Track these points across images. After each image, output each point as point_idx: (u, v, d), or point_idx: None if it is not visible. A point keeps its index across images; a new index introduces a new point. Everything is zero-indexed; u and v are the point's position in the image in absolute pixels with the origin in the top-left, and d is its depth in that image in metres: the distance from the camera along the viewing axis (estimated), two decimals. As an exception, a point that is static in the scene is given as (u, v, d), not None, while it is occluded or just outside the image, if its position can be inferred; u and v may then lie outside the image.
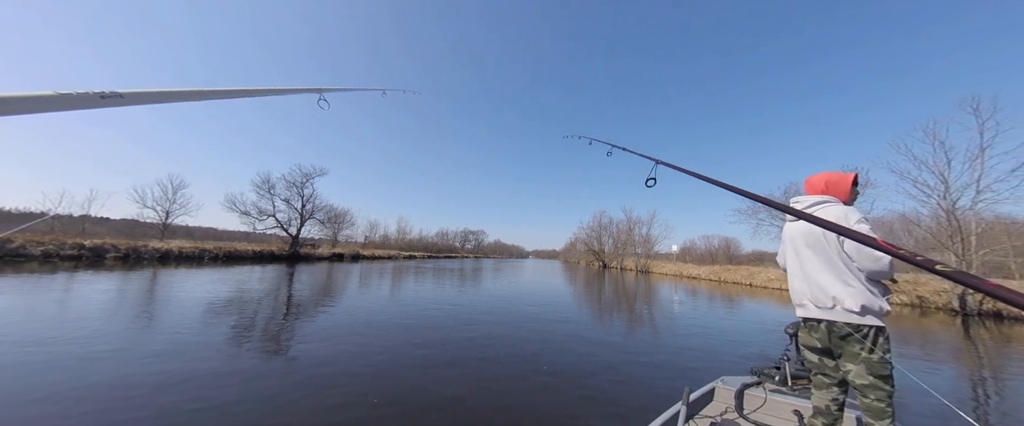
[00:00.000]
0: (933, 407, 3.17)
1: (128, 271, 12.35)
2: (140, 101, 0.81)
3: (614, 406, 2.96)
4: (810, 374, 1.76)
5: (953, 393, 3.85)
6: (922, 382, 2.19)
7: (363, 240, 48.85)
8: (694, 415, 2.02)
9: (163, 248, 19.23)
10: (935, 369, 4.75)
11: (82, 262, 14.70)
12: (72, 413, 2.45)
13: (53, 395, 2.69)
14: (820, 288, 1.59)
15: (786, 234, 1.82)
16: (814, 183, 1.78)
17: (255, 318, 5.74)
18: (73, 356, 3.55)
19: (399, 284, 12.08)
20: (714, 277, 24.77)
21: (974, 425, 1.45)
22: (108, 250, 17.42)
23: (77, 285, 8.42)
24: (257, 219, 29.19)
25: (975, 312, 10.49)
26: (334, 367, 3.58)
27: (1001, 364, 5.24)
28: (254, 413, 2.56)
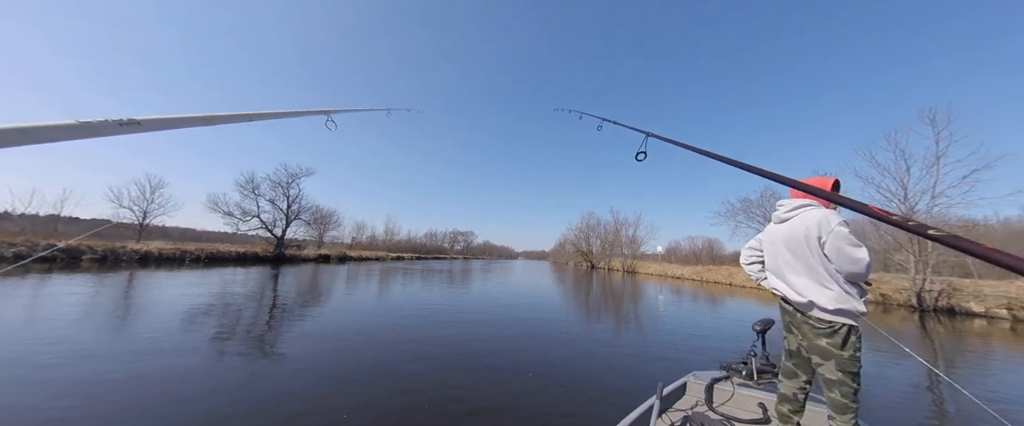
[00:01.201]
0: (891, 399, 3.47)
1: (107, 274, 12.03)
2: (156, 127, 0.83)
3: (592, 404, 3.07)
4: (781, 362, 1.83)
5: (910, 382, 4.15)
6: (882, 375, 2.36)
7: (350, 241, 48.26)
8: (667, 409, 2.08)
9: (142, 249, 18.70)
10: (896, 361, 5.13)
11: (57, 264, 14.21)
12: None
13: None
14: (796, 290, 1.64)
15: (767, 235, 1.87)
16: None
17: (247, 321, 5.77)
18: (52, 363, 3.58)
19: (386, 286, 12.10)
20: (697, 277, 25.49)
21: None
22: (84, 252, 16.86)
23: (54, 289, 8.22)
24: (241, 220, 28.56)
25: (931, 308, 11.23)
26: (320, 370, 3.57)
27: (952, 355, 5.71)
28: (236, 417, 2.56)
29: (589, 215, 52.65)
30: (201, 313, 6.06)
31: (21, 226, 21.03)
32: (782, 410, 1.75)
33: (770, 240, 1.83)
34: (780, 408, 1.77)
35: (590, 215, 52.63)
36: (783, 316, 1.79)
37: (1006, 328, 8.48)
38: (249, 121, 1.10)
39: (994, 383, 4.34)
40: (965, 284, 11.59)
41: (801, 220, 1.69)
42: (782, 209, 1.81)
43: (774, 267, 1.78)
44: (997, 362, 5.41)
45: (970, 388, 2.94)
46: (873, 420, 2.58)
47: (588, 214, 53.03)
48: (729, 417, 1.97)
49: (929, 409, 3.42)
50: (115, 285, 9.26)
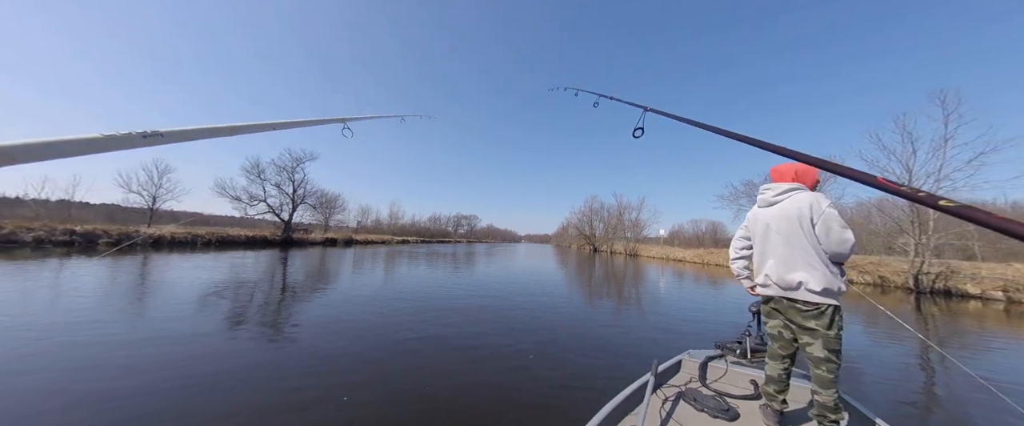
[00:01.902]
0: (879, 375, 3.63)
1: (123, 257, 12.48)
2: (178, 139, 0.85)
3: (589, 380, 3.18)
4: (770, 346, 1.87)
5: (905, 358, 4.29)
6: (870, 354, 2.41)
7: (356, 225, 48.87)
8: (662, 384, 2.14)
9: (155, 233, 19.19)
10: (892, 338, 5.30)
11: (74, 248, 14.71)
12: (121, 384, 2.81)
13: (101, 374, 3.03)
14: (786, 270, 1.67)
15: (754, 219, 1.88)
16: (784, 171, 1.85)
17: (267, 302, 6.07)
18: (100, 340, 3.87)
19: (392, 269, 12.42)
20: (698, 259, 25.69)
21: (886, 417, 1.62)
22: (100, 236, 17.37)
23: (85, 270, 8.60)
24: (248, 204, 29.01)
25: (928, 290, 11.37)
26: (328, 347, 3.72)
27: (946, 334, 5.86)
28: (255, 392, 2.70)
29: (592, 198, 52.69)
30: (225, 295, 6.37)
31: (36, 211, 21.59)
32: (768, 390, 1.81)
33: (757, 223, 1.84)
34: (766, 388, 1.83)
35: (593, 198, 52.65)
36: (766, 301, 1.84)
37: (1000, 309, 8.62)
38: (270, 130, 1.16)
39: (987, 362, 4.44)
40: (963, 266, 11.66)
41: (792, 202, 1.72)
42: (769, 192, 1.82)
43: (762, 251, 1.81)
44: (992, 341, 5.57)
45: (963, 365, 3.07)
46: (859, 394, 2.67)
47: (591, 197, 53.08)
48: (721, 393, 2.01)
49: (921, 383, 3.56)
50: (139, 268, 9.65)
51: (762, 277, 1.79)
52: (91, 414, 2.30)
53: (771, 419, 1.75)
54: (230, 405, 2.49)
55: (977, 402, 3.05)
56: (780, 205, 1.76)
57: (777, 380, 1.79)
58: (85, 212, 24.54)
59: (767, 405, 1.80)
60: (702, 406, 1.84)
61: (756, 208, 1.90)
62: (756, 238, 1.85)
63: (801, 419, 1.81)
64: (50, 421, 2.23)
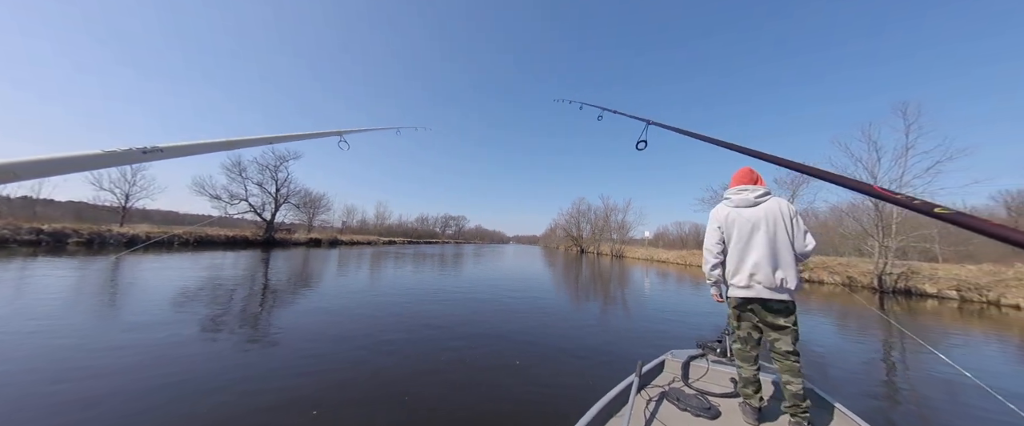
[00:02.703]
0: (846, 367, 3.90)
1: (94, 257, 12.00)
2: (177, 154, 0.86)
3: (578, 378, 3.23)
4: (735, 350, 1.91)
5: (866, 354, 4.52)
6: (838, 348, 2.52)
7: (340, 225, 48.01)
8: (646, 385, 2.16)
9: (129, 233, 18.48)
10: (855, 339, 5.66)
11: (42, 248, 14.04)
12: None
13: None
14: (771, 269, 1.71)
15: (731, 219, 1.87)
16: (745, 175, 1.96)
17: (245, 305, 5.98)
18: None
19: (377, 270, 12.30)
20: (681, 261, 26.35)
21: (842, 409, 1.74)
22: (69, 235, 16.61)
23: (50, 272, 8.26)
24: (228, 203, 28.18)
25: (891, 290, 12.07)
26: (306, 353, 3.57)
27: (914, 330, 6.24)
28: (235, 398, 2.59)
29: (580, 200, 53.25)
30: (204, 297, 6.25)
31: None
32: (747, 392, 1.84)
33: (737, 223, 1.84)
34: (745, 390, 1.85)
35: (581, 200, 53.22)
36: (740, 303, 1.85)
37: (954, 307, 9.22)
38: (268, 144, 1.20)
39: (949, 353, 4.76)
40: (923, 267, 12.43)
41: (773, 204, 1.81)
42: (750, 193, 1.86)
43: (743, 250, 1.80)
44: (950, 335, 5.98)
45: (923, 357, 3.20)
46: (826, 385, 2.82)
47: (579, 200, 53.61)
48: (703, 392, 2.05)
49: (889, 373, 3.81)
50: (110, 269, 9.31)
51: (743, 277, 1.77)
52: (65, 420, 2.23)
53: (751, 417, 1.79)
54: (197, 411, 2.37)
55: (943, 388, 3.33)
56: (764, 206, 1.82)
57: (753, 381, 1.84)
58: (50, 209, 23.39)
59: (746, 404, 1.84)
60: (685, 405, 1.88)
61: (733, 208, 1.89)
62: (735, 238, 1.83)
63: (775, 412, 1.88)
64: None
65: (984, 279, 10.44)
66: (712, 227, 1.96)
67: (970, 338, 5.94)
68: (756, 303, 1.78)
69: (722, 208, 1.94)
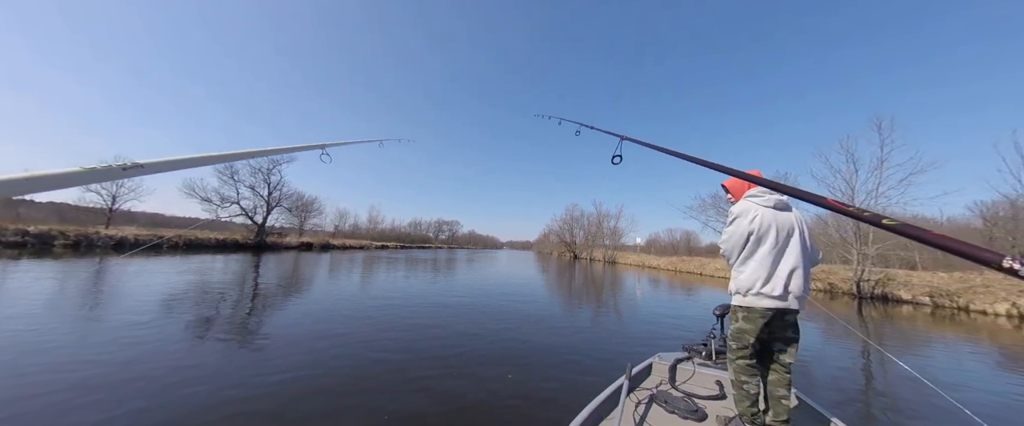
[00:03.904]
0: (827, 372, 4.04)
1: (80, 259, 11.85)
2: (159, 169, 0.85)
3: (569, 381, 3.28)
4: (738, 364, 1.75)
5: (845, 358, 4.68)
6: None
7: (333, 229, 47.66)
8: (635, 388, 2.21)
9: (117, 235, 18.21)
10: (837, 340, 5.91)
11: (27, 250, 13.80)
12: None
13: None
14: (801, 279, 1.61)
15: (767, 221, 1.67)
16: (737, 183, 1.90)
17: (239, 310, 6.04)
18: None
19: (370, 275, 12.25)
20: (672, 267, 26.76)
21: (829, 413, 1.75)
22: (56, 237, 16.32)
23: (43, 275, 8.19)
24: (219, 206, 27.90)
25: (868, 295, 12.56)
26: (298, 359, 3.52)
27: (885, 335, 6.56)
28: (220, 404, 2.54)
29: (573, 207, 53.76)
30: (191, 302, 6.29)
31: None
32: (754, 410, 1.70)
33: (773, 225, 1.66)
34: (751, 409, 1.69)
35: (574, 207, 53.73)
36: (750, 314, 1.68)
37: (928, 313, 9.63)
38: (250, 158, 1.20)
39: (917, 355, 5.06)
40: (898, 274, 12.93)
41: (796, 211, 1.74)
42: (781, 196, 1.72)
43: (775, 255, 1.63)
44: (921, 341, 6.31)
45: (895, 360, 3.35)
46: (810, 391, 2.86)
47: (572, 206, 54.17)
48: (690, 394, 2.10)
49: (862, 379, 3.96)
50: (97, 272, 9.24)
51: (778, 286, 1.60)
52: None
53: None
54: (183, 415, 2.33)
55: (908, 390, 3.55)
56: (795, 213, 1.73)
57: (757, 395, 1.70)
58: (32, 211, 22.96)
59: (750, 421, 1.68)
60: (673, 408, 1.92)
61: (769, 208, 1.70)
62: (771, 242, 1.64)
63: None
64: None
65: (954, 286, 10.92)
66: (741, 226, 1.70)
67: (931, 339, 6.29)
68: (779, 313, 1.64)
69: (752, 206, 1.72)
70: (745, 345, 1.70)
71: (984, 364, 4.86)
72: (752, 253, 1.67)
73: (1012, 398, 3.60)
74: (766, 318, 1.64)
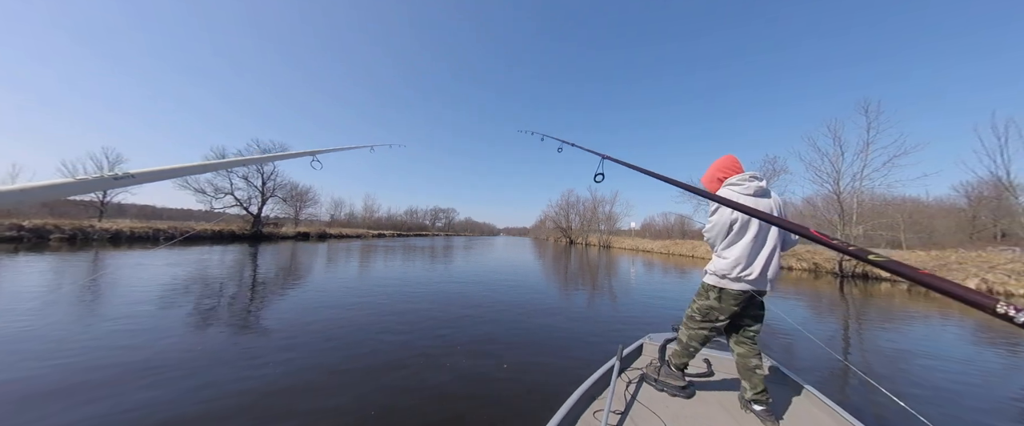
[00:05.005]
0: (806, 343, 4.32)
1: (78, 252, 11.93)
2: (150, 179, 0.86)
3: (562, 363, 3.36)
4: (704, 333, 1.88)
5: (825, 332, 4.93)
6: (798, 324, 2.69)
7: (329, 218, 47.59)
8: (626, 368, 2.26)
9: (112, 228, 18.18)
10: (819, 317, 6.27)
11: (23, 244, 13.81)
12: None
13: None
14: (776, 263, 1.73)
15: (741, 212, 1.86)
16: (736, 161, 1.94)
17: (241, 299, 6.24)
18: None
19: (366, 264, 12.44)
20: (665, 250, 27.32)
21: (837, 358, 1.99)
22: (51, 231, 16.29)
23: (47, 268, 8.31)
24: (213, 197, 27.79)
25: (850, 274, 13.07)
26: (300, 349, 3.51)
27: (862, 310, 6.95)
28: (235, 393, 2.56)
29: (569, 192, 54.06)
30: (194, 292, 6.47)
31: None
32: (687, 362, 1.94)
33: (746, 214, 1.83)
34: (685, 361, 1.94)
35: (570, 192, 54.01)
36: (724, 295, 1.78)
37: (904, 290, 10.09)
38: (239, 166, 1.21)
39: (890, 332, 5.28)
40: (902, 256, 13.43)
41: (775, 196, 1.83)
42: (760, 183, 1.79)
43: (754, 242, 1.71)
44: (894, 313, 6.71)
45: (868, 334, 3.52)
46: None
47: (568, 191, 54.43)
48: (678, 371, 2.15)
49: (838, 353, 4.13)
50: (99, 265, 9.37)
51: (756, 270, 1.69)
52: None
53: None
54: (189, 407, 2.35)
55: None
56: (773, 198, 1.81)
57: (695, 354, 1.91)
58: (23, 205, 22.65)
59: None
60: (662, 386, 1.98)
61: (745, 196, 1.76)
62: (753, 230, 1.72)
63: (734, 385, 2.05)
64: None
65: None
66: (723, 216, 1.77)
67: (893, 314, 6.68)
68: (751, 294, 1.75)
69: (732, 195, 1.77)
70: (713, 320, 1.83)
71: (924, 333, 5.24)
72: (735, 241, 1.74)
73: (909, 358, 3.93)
74: (739, 300, 1.75)
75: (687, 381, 1.97)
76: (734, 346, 1.88)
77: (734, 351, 1.89)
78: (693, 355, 1.93)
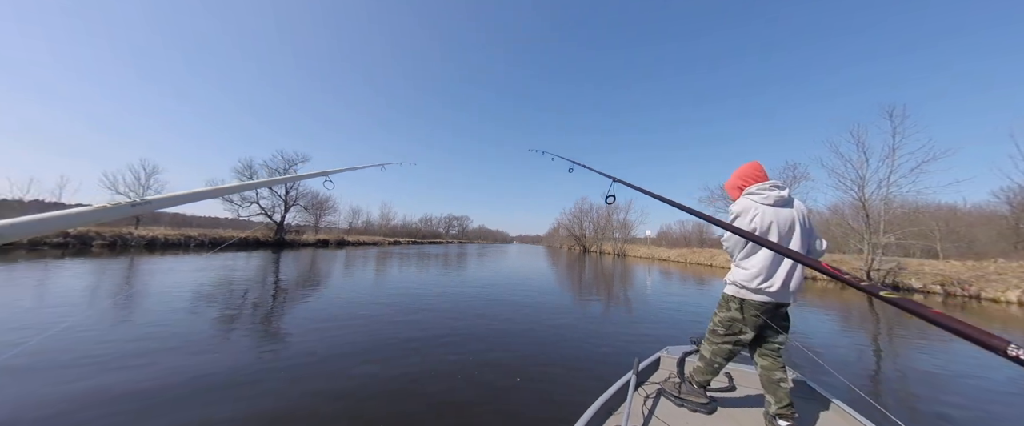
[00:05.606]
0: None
1: (117, 258, 12.70)
2: (165, 205, 0.88)
3: (577, 376, 3.28)
4: (728, 348, 1.80)
5: (855, 345, 4.77)
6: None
7: (347, 226, 48.85)
8: (643, 382, 2.18)
9: (148, 235, 19.27)
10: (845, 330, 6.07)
11: (68, 250, 14.81)
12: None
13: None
14: (800, 273, 1.67)
15: (768, 218, 1.70)
16: (759, 168, 1.88)
17: (271, 304, 6.53)
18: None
19: (383, 271, 12.65)
20: (682, 259, 26.70)
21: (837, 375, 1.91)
22: (94, 238, 17.42)
23: (92, 272, 8.92)
24: (240, 206, 29.08)
25: (880, 284, 12.43)
26: (320, 352, 3.65)
27: (896, 323, 6.62)
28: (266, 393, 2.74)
29: (582, 200, 53.61)
30: (232, 296, 6.83)
31: (22, 213, 21.32)
32: (710, 379, 1.84)
33: (774, 222, 1.69)
34: (708, 378, 1.84)
35: (583, 200, 53.59)
36: (746, 306, 1.72)
37: (939, 302, 9.60)
38: (252, 189, 1.43)
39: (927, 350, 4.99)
40: (910, 263, 12.80)
41: (799, 204, 1.77)
42: (782, 191, 1.74)
43: (767, 250, 1.63)
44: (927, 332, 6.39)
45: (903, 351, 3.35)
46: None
47: (582, 199, 54.01)
48: (699, 386, 2.07)
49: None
50: (138, 269, 9.97)
51: (778, 281, 1.64)
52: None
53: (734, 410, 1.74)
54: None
55: None
56: (796, 207, 1.75)
57: (719, 371, 1.82)
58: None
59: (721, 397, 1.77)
60: (682, 401, 1.88)
61: (765, 205, 1.73)
62: (771, 238, 1.68)
63: (757, 401, 1.95)
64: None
65: (966, 274, 10.79)
66: (742, 224, 1.73)
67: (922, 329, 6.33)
68: (774, 306, 1.69)
69: (751, 204, 1.75)
70: (736, 333, 1.76)
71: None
72: (755, 250, 1.69)
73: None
74: (761, 311, 1.69)
75: (709, 397, 1.88)
76: (758, 359, 1.80)
77: (757, 364, 1.80)
78: (717, 371, 1.83)
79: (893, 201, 12.79)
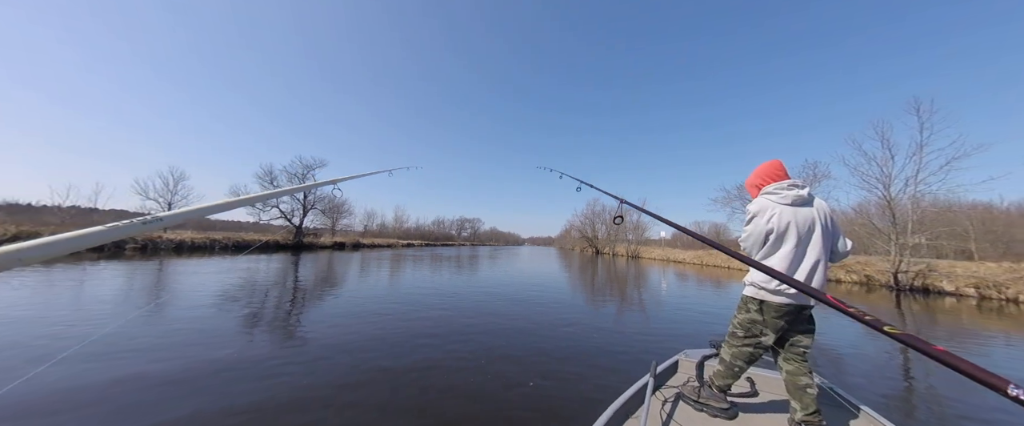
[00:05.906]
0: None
1: (149, 260, 13.34)
2: (176, 220, 0.91)
3: (593, 379, 3.23)
4: (748, 350, 1.76)
5: (882, 350, 4.56)
6: None
7: (362, 229, 49.79)
8: (661, 386, 2.14)
9: (177, 239, 20.16)
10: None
11: (103, 253, 15.63)
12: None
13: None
14: (822, 273, 1.61)
15: (786, 217, 1.65)
16: (780, 167, 1.84)
17: (288, 303, 6.79)
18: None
19: (398, 272, 12.90)
20: (697, 261, 26.18)
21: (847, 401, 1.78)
22: (126, 241, 18.33)
23: (135, 273, 9.42)
24: (262, 210, 30.10)
25: (907, 288, 11.93)
26: (337, 349, 3.78)
27: (925, 327, 6.32)
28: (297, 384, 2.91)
29: (594, 201, 53.04)
30: (253, 296, 7.12)
31: (61, 218, 22.70)
32: (730, 383, 1.80)
33: (793, 222, 1.64)
34: (728, 382, 1.79)
35: (595, 201, 52.97)
36: (765, 307, 1.68)
37: (973, 305, 9.13)
38: (262, 200, 1.55)
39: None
40: (940, 265, 12.18)
41: (820, 202, 1.71)
42: (802, 190, 1.70)
43: (797, 252, 1.62)
44: (966, 336, 5.94)
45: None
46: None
47: (594, 200, 53.45)
48: (719, 391, 2.00)
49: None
50: (171, 270, 10.46)
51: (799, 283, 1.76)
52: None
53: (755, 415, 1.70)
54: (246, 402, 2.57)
55: None
56: (816, 206, 1.70)
57: (739, 375, 1.78)
58: (99, 217, 25.65)
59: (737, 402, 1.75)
60: (701, 405, 1.85)
61: (783, 205, 1.69)
62: (793, 239, 1.63)
63: (781, 407, 1.89)
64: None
65: (1003, 276, 10.21)
66: (759, 225, 1.70)
67: (966, 332, 6.06)
68: (796, 308, 1.63)
69: (769, 204, 1.72)
70: (756, 335, 1.73)
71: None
72: (773, 251, 1.65)
73: None
74: (782, 313, 1.64)
75: (730, 402, 1.83)
76: (782, 363, 1.74)
77: (782, 369, 1.73)
78: (738, 376, 1.80)
79: (922, 200, 12.20)
